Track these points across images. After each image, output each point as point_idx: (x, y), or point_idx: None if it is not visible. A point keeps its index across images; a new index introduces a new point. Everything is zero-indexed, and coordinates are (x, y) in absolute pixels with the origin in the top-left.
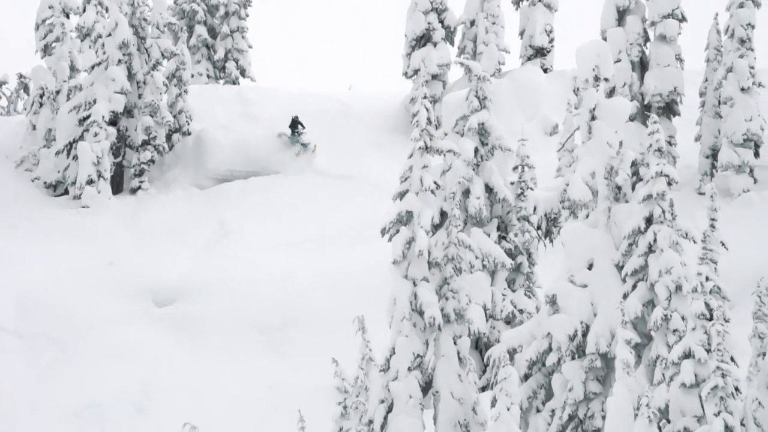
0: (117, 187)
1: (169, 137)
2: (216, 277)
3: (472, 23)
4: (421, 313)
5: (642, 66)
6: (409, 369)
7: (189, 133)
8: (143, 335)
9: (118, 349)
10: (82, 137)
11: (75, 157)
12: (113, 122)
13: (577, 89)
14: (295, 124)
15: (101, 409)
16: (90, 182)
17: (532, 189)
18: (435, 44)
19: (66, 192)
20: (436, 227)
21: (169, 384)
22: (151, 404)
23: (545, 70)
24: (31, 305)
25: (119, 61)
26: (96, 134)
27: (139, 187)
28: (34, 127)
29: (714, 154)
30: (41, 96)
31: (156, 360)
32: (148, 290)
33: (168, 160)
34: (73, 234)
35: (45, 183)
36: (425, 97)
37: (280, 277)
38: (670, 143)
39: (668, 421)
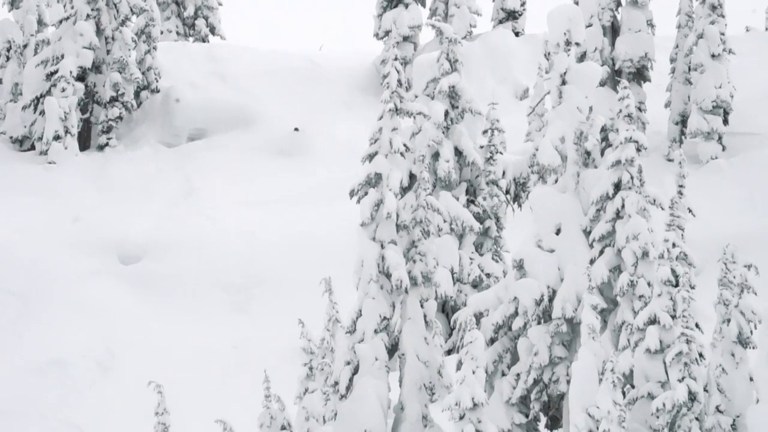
0: (84, 143)
1: (137, 94)
2: (182, 235)
3: None
4: (388, 276)
5: (613, 31)
6: (376, 331)
7: (158, 91)
8: (108, 292)
9: (83, 306)
10: (49, 92)
11: (42, 113)
12: (81, 78)
13: (548, 53)
14: None
15: (65, 366)
16: (57, 138)
17: (501, 153)
18: (407, 5)
19: (32, 147)
20: (404, 190)
21: (133, 342)
22: (115, 362)
23: (517, 34)
24: None
25: (87, 15)
26: (63, 89)
27: (107, 144)
28: (0, 81)
29: (683, 121)
30: (8, 50)
31: (121, 317)
32: (113, 247)
33: (136, 117)
34: (38, 190)
35: (11, 138)
36: (396, 59)
37: (247, 237)
38: (639, 109)
39: (632, 387)
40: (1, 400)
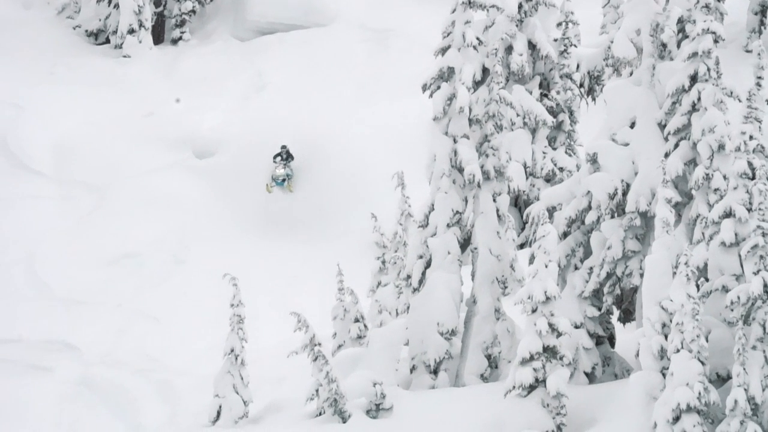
0: (158, 37)
1: None
2: (255, 129)
3: None
4: (460, 170)
5: None
6: (448, 225)
7: None
8: (182, 186)
9: (157, 199)
10: None
11: (116, 6)
12: None
13: None
14: (283, 153)
15: (139, 258)
16: (131, 32)
17: (575, 46)
18: None
19: (107, 41)
20: (477, 84)
21: (206, 236)
22: (189, 255)
23: None
24: (70, 152)
25: None
26: None
27: (180, 38)
28: None
29: (763, 11)
30: None
31: (194, 211)
32: (187, 141)
33: (209, 11)
34: (112, 83)
35: (86, 31)
36: None
37: (318, 131)
38: None
39: (706, 280)
40: (79, 291)
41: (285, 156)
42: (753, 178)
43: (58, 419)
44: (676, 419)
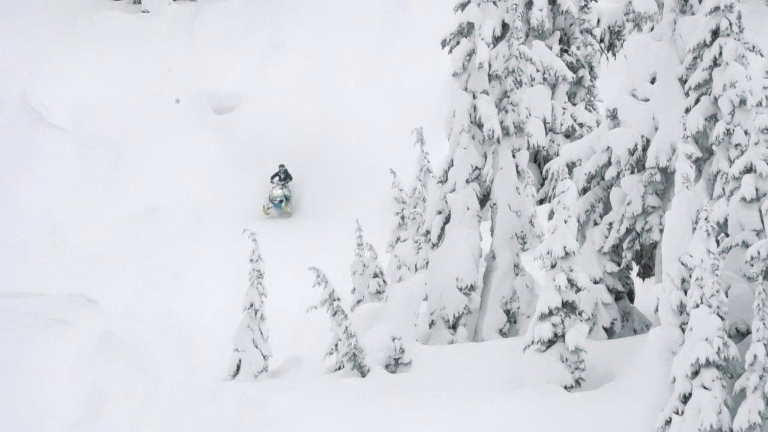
0: None
1: None
2: (274, 86)
3: None
4: (480, 126)
5: None
6: (467, 181)
7: None
8: (201, 142)
9: (177, 155)
10: None
11: None
12: None
13: None
14: (281, 173)
15: (160, 214)
16: None
17: (596, 1)
18: None
19: None
20: (497, 39)
21: (225, 192)
22: (207, 211)
23: None
24: (90, 108)
25: None
26: None
27: None
28: None
29: None
30: None
31: (214, 167)
32: (207, 97)
33: None
34: (132, 38)
35: None
36: None
37: (335, 89)
38: None
39: (726, 235)
40: (99, 246)
41: (283, 176)
42: None
43: (79, 374)
44: (695, 374)
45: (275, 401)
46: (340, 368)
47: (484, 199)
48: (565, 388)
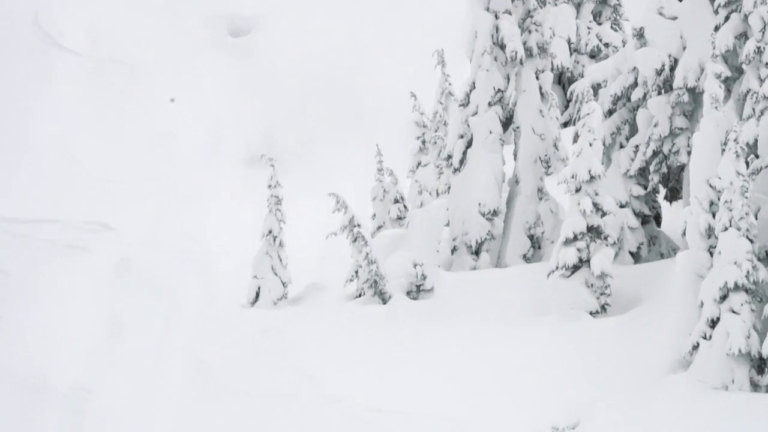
0: None
1: None
2: (289, 8)
3: None
4: (502, 47)
5: None
6: (490, 104)
7: None
8: (217, 64)
9: (192, 78)
10: None
11: None
12: None
13: None
14: None
15: (176, 138)
16: None
17: None
18: None
19: None
20: None
21: (242, 115)
22: (224, 137)
23: None
24: (104, 31)
25: None
26: None
27: None
28: None
29: None
30: None
31: (230, 90)
32: (222, 18)
33: None
34: None
35: None
36: None
37: (353, 13)
38: None
39: (756, 156)
40: (115, 171)
41: None
42: None
43: (97, 301)
44: (724, 298)
45: (295, 328)
46: (360, 295)
47: (507, 122)
48: (591, 313)
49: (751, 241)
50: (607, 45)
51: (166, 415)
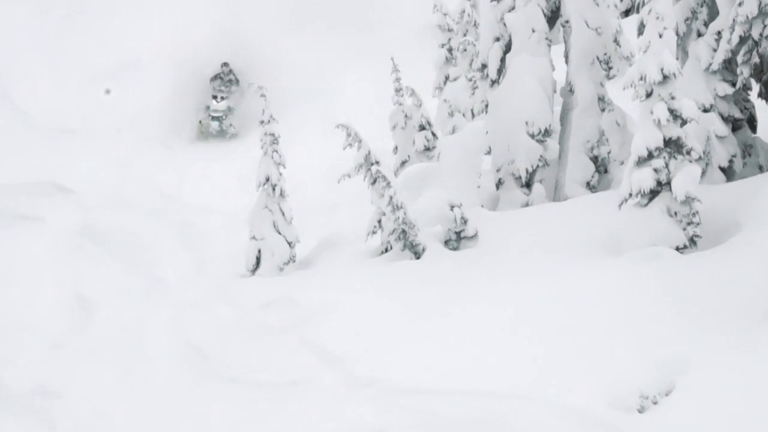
0: None
1: None
2: None
3: None
4: None
5: None
6: None
7: None
8: None
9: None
10: None
11: None
12: None
13: None
14: (224, 74)
15: (137, 70)
16: None
17: None
18: None
19: None
20: None
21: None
22: (197, 65)
23: None
24: None
25: None
26: None
27: None
28: None
29: None
30: None
31: (198, 14)
32: None
33: None
34: None
35: None
36: None
37: None
38: None
39: None
40: (65, 117)
41: (226, 80)
42: None
43: (58, 277)
44: None
45: (308, 297)
46: (386, 250)
47: (552, 16)
48: (677, 249)
49: None
50: None
51: (155, 417)
